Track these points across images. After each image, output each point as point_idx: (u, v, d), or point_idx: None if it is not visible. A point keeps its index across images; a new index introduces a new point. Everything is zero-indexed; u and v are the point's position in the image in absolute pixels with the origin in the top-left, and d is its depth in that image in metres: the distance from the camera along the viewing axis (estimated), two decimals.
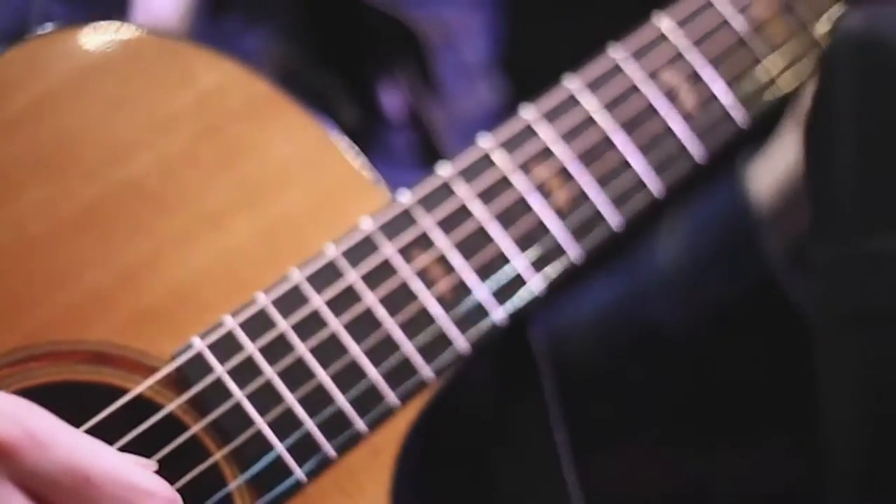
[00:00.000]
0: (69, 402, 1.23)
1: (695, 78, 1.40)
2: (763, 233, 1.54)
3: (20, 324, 1.28)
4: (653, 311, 1.59)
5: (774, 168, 1.56)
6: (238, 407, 1.28)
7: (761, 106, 1.43)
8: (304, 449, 1.29)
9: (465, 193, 1.35)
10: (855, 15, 1.07)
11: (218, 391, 1.28)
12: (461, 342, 1.33)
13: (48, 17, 1.43)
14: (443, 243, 1.34)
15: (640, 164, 1.38)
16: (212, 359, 1.28)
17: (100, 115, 1.32)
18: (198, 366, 1.28)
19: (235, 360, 1.29)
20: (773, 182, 1.55)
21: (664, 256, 1.58)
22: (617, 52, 1.40)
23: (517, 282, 1.35)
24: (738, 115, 1.41)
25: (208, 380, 1.28)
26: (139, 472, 1.14)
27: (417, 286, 1.33)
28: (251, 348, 1.29)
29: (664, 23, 1.41)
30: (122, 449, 1.24)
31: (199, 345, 1.29)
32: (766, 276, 1.54)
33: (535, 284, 1.35)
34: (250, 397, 1.29)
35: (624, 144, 1.38)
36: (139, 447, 1.25)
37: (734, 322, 1.56)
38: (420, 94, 1.53)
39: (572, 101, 1.38)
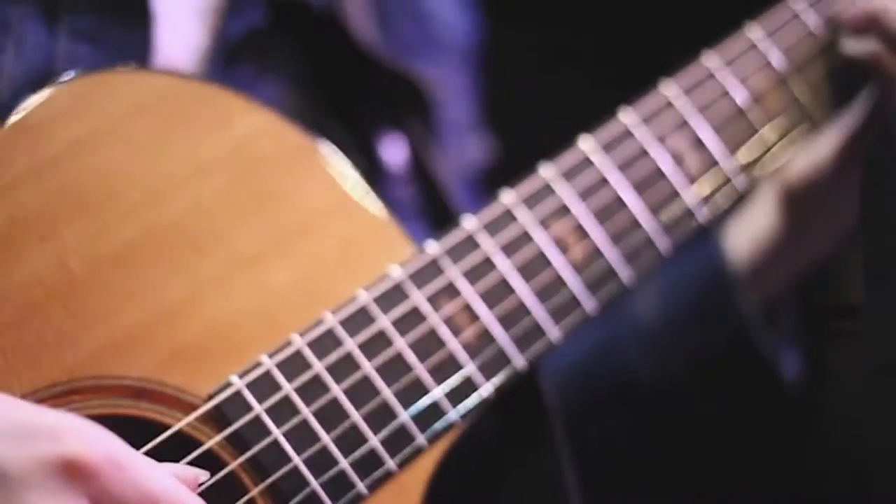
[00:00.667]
0: None
1: (699, 144, 1.49)
2: (738, 291, 1.63)
3: (63, 358, 1.30)
4: (630, 363, 1.66)
5: (751, 230, 1.65)
6: (275, 444, 1.32)
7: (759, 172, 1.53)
8: (338, 486, 1.33)
9: (489, 246, 1.41)
10: None
11: (256, 429, 1.32)
12: (485, 387, 1.39)
13: (73, 58, 1.46)
14: (468, 293, 1.39)
15: (649, 225, 1.46)
16: (250, 397, 1.32)
17: (140, 156, 1.36)
18: (236, 404, 1.32)
19: (273, 399, 1.33)
20: (750, 243, 1.65)
21: (642, 310, 1.65)
22: (628, 117, 1.48)
23: (537, 331, 1.41)
24: (739, 181, 1.50)
25: (247, 417, 1.32)
26: (201, 502, 1.18)
27: (444, 333, 1.38)
28: (288, 388, 1.33)
29: (670, 90, 1.50)
30: None
31: (238, 383, 1.32)
32: (741, 332, 1.63)
33: (554, 335, 1.42)
34: (287, 435, 1.32)
35: (634, 205, 1.45)
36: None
37: (709, 375, 1.65)
38: (425, 145, 1.59)
39: (587, 162, 1.45)
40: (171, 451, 1.29)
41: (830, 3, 1.54)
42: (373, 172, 1.59)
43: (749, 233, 1.65)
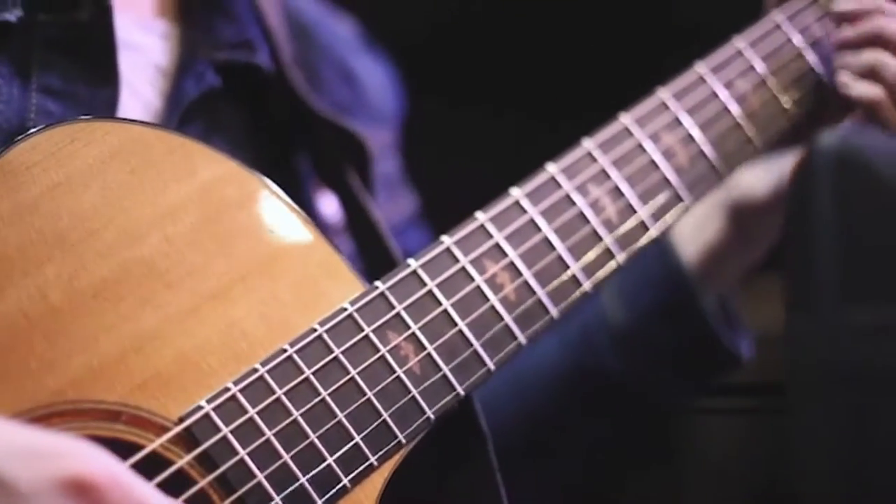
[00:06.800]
0: None
1: (687, 139, 1.69)
2: (700, 292, 1.83)
3: (44, 383, 1.41)
4: (603, 358, 1.82)
5: (701, 236, 1.85)
6: (241, 463, 1.44)
7: (739, 161, 1.72)
8: (298, 501, 1.45)
9: (431, 283, 1.55)
10: (831, 134, 1.34)
11: (223, 449, 1.44)
12: (428, 412, 1.52)
13: (45, 113, 1.57)
14: (413, 326, 1.53)
15: (642, 211, 1.65)
16: (218, 420, 1.44)
17: (114, 200, 1.48)
18: (205, 426, 1.44)
19: (238, 422, 1.45)
20: (700, 248, 1.85)
21: (609, 310, 1.81)
22: (625, 118, 1.68)
23: (475, 362, 1.56)
24: (722, 168, 1.71)
25: (215, 438, 1.43)
26: None
27: (392, 363, 1.51)
28: (252, 412, 1.45)
29: (663, 93, 1.70)
30: None
31: (207, 407, 1.44)
32: (706, 328, 1.83)
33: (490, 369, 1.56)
34: (251, 455, 1.44)
35: (629, 195, 1.65)
36: None
37: (676, 368, 1.83)
38: (364, 197, 1.73)
39: (589, 158, 1.65)
40: (145, 470, 1.40)
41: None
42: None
43: (699, 238, 1.85)
